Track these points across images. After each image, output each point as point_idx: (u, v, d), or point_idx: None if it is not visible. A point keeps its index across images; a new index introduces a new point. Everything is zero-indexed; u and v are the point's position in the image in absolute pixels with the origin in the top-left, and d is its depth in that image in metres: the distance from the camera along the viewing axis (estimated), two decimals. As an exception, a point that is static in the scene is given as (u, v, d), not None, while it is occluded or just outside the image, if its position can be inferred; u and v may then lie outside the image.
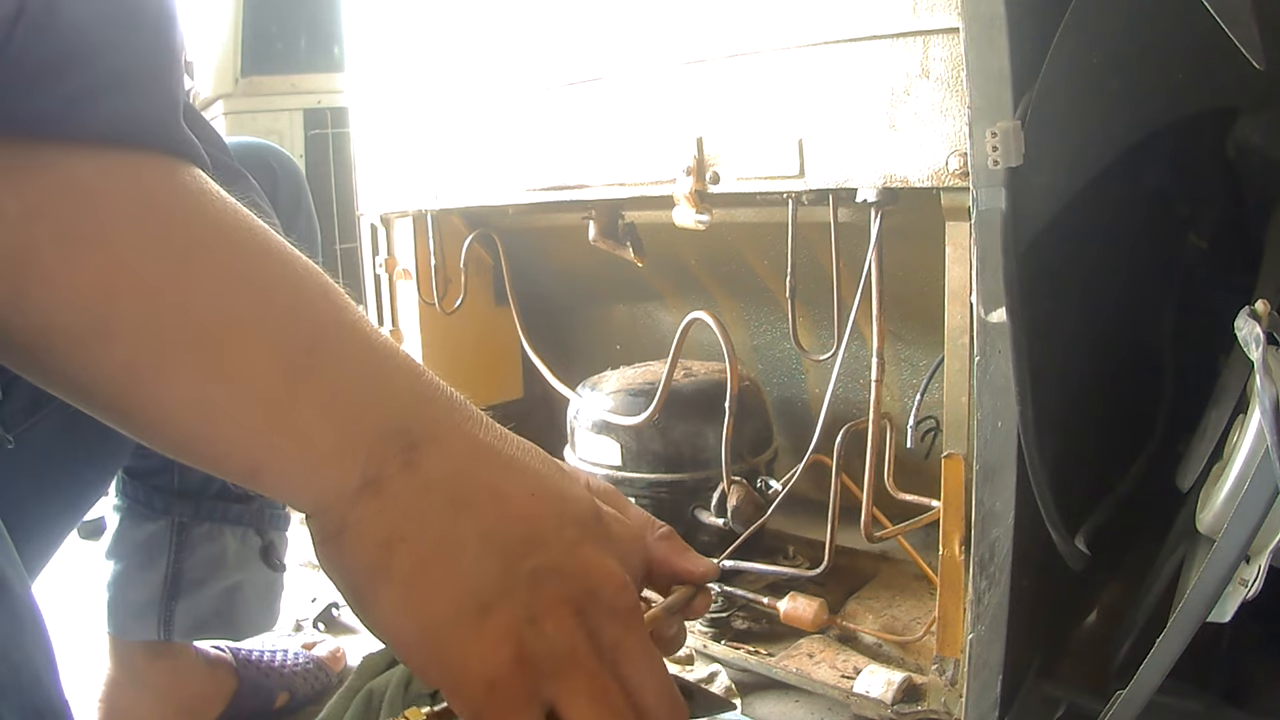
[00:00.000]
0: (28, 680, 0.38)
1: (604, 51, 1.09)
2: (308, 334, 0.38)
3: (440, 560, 0.38)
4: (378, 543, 0.37)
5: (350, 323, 0.39)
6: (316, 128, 2.48)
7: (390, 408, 0.39)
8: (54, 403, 0.68)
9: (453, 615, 0.38)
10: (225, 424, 0.36)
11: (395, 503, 0.38)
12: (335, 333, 0.38)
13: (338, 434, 0.37)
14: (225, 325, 0.36)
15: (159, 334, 0.35)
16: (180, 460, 0.39)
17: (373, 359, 0.39)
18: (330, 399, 0.37)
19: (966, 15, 0.70)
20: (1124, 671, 0.69)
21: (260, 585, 1.00)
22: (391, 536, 0.37)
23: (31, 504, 0.65)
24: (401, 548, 0.37)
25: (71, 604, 1.06)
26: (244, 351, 0.36)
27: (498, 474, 0.40)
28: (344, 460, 0.37)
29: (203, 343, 0.35)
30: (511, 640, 0.38)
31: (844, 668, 1.02)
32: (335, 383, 0.38)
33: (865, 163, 0.88)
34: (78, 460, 0.75)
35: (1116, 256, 0.95)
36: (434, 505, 0.38)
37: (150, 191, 0.35)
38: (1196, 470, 0.74)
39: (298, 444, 0.37)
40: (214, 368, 0.36)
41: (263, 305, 0.37)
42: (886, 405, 1.24)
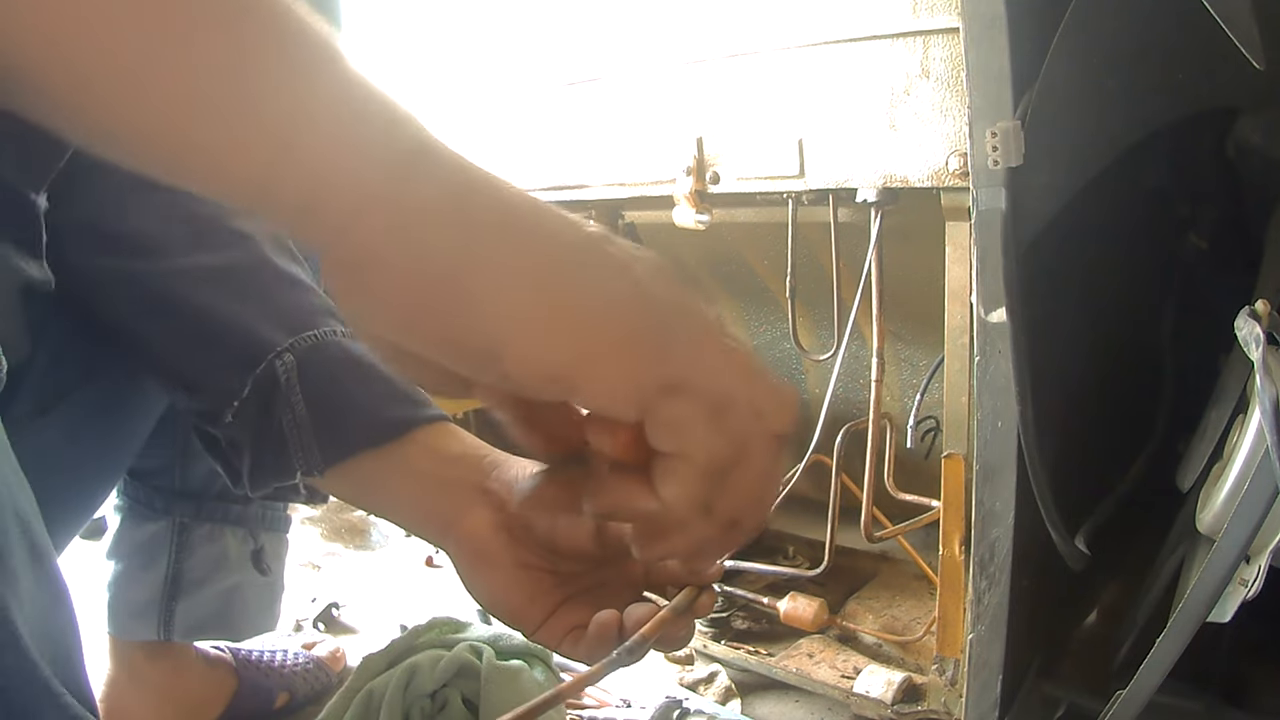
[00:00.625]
0: (60, 653, 0.38)
1: (604, 51, 1.09)
2: (324, 39, 0.34)
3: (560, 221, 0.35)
4: (468, 202, 0.33)
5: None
6: (316, 128, 2.48)
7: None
8: (60, 407, 0.68)
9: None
10: (250, 104, 0.31)
11: (458, 169, 0.35)
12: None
13: (377, 98, 0.34)
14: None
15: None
16: (175, 178, 0.33)
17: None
18: (357, 75, 0.34)
19: (966, 15, 0.70)
20: (1124, 671, 0.69)
21: (260, 586, 1.00)
22: (478, 197, 0.34)
23: (37, 507, 0.65)
24: (496, 212, 0.34)
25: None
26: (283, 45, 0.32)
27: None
28: (388, 125, 0.34)
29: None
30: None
31: (844, 668, 1.02)
32: (356, 73, 0.34)
33: (865, 163, 0.88)
34: (82, 465, 0.75)
35: (1116, 256, 0.95)
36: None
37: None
38: (1196, 470, 0.74)
39: (336, 107, 0.33)
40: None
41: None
42: (886, 405, 1.24)
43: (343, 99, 0.33)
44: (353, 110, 0.33)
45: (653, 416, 0.34)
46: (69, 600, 0.40)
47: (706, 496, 0.36)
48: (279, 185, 0.32)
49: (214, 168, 0.32)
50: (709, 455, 0.35)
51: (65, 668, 0.38)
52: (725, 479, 0.36)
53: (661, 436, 0.35)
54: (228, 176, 0.32)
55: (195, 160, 0.32)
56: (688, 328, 0.36)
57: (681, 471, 0.35)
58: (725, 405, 0.36)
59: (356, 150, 0.33)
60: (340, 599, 1.35)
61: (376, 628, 1.30)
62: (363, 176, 0.32)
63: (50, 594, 0.38)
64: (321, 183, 0.32)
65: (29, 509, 0.42)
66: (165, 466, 0.93)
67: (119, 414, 0.77)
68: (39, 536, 0.39)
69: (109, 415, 0.75)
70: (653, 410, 0.34)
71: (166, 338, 0.64)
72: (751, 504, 0.39)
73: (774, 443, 0.38)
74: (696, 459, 0.35)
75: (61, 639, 0.38)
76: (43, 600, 0.38)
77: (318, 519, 1.72)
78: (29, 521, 0.41)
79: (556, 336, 0.33)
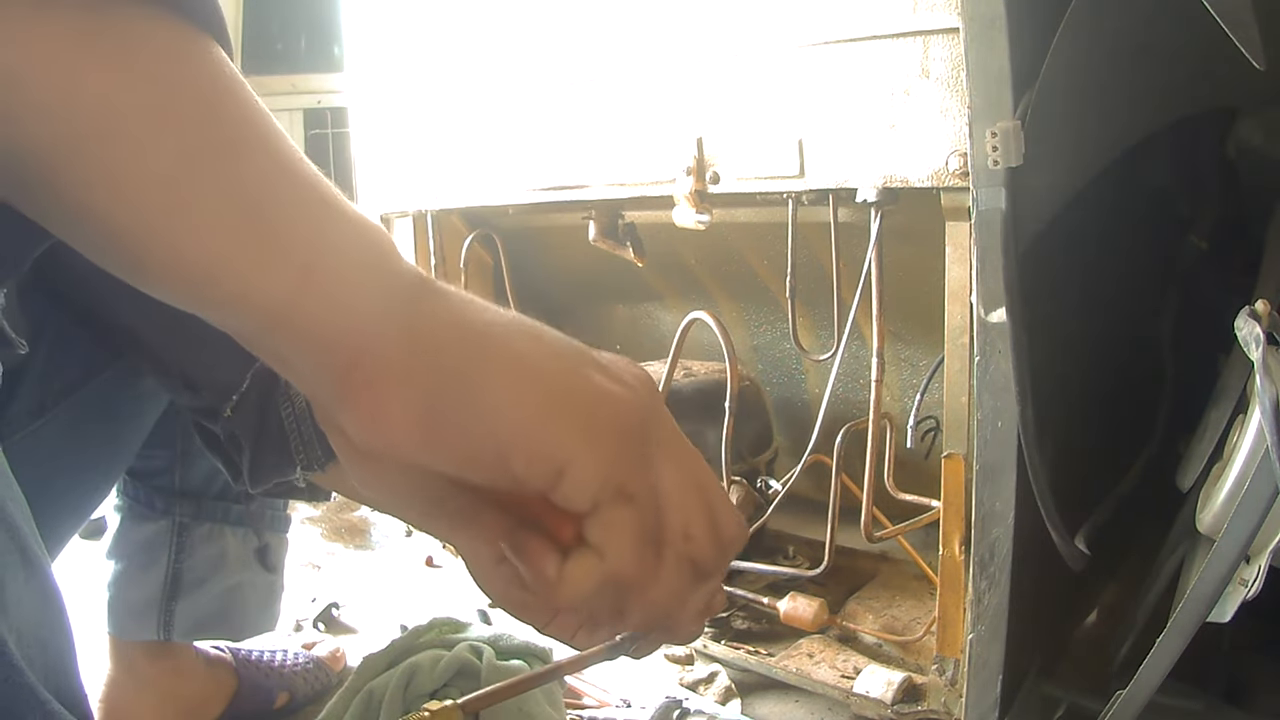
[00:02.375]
0: (53, 660, 0.38)
1: (604, 51, 1.09)
2: (327, 185, 0.36)
3: (540, 335, 0.38)
4: (473, 321, 0.36)
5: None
6: (316, 128, 2.48)
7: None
8: (59, 407, 0.68)
9: (575, 372, 0.37)
10: (271, 231, 0.34)
11: (458, 298, 0.37)
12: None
13: (382, 237, 0.36)
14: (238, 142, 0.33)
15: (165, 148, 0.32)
16: (201, 299, 0.34)
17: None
18: (356, 216, 0.36)
19: (966, 15, 0.70)
20: (1124, 671, 0.69)
21: (260, 586, 1.00)
22: (481, 317, 0.36)
23: (36, 508, 0.65)
24: (499, 327, 0.36)
25: (72, 604, 1.06)
26: (268, 169, 0.34)
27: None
28: (393, 258, 0.36)
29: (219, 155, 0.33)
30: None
31: (844, 668, 1.02)
32: (355, 212, 0.37)
33: (865, 163, 0.88)
34: (82, 464, 0.75)
35: (1116, 256, 0.95)
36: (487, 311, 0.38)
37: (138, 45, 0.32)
38: (1196, 470, 0.74)
39: (351, 239, 0.35)
40: (242, 176, 0.33)
41: (272, 141, 0.35)
42: (886, 405, 1.24)
43: (352, 229, 0.36)
44: (362, 239, 0.36)
45: (598, 513, 0.37)
46: (62, 605, 0.39)
47: (597, 596, 0.39)
48: (300, 310, 0.34)
49: (237, 295, 0.34)
50: (618, 567, 0.38)
51: (57, 674, 0.38)
52: (628, 591, 0.40)
53: (593, 530, 0.37)
54: (249, 303, 0.34)
55: (217, 288, 0.33)
56: (664, 441, 0.40)
57: (586, 565, 0.38)
58: (662, 528, 0.39)
59: (371, 277, 0.35)
60: (340, 599, 1.35)
61: (376, 628, 1.30)
62: (379, 301, 0.35)
63: (42, 600, 0.38)
64: (342, 306, 0.34)
65: (19, 515, 0.42)
66: (165, 466, 0.93)
67: (119, 413, 0.77)
68: (29, 542, 0.38)
69: (109, 414, 0.75)
70: (600, 507, 0.37)
71: (164, 333, 0.64)
72: (656, 619, 0.42)
73: (689, 568, 0.41)
74: (605, 564, 0.38)
75: (54, 644, 0.38)
76: (34, 606, 0.37)
77: (318, 519, 1.72)
78: (18, 527, 0.41)
79: (562, 436, 0.36)
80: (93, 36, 0.31)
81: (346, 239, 0.35)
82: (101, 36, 0.31)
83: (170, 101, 0.32)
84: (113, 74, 0.31)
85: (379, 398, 0.35)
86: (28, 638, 0.37)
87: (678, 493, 0.40)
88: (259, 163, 0.34)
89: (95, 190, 0.31)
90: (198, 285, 0.34)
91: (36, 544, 0.38)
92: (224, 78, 0.34)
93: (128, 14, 0.32)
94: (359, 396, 0.35)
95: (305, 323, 0.34)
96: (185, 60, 0.33)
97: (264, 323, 0.34)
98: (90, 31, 0.31)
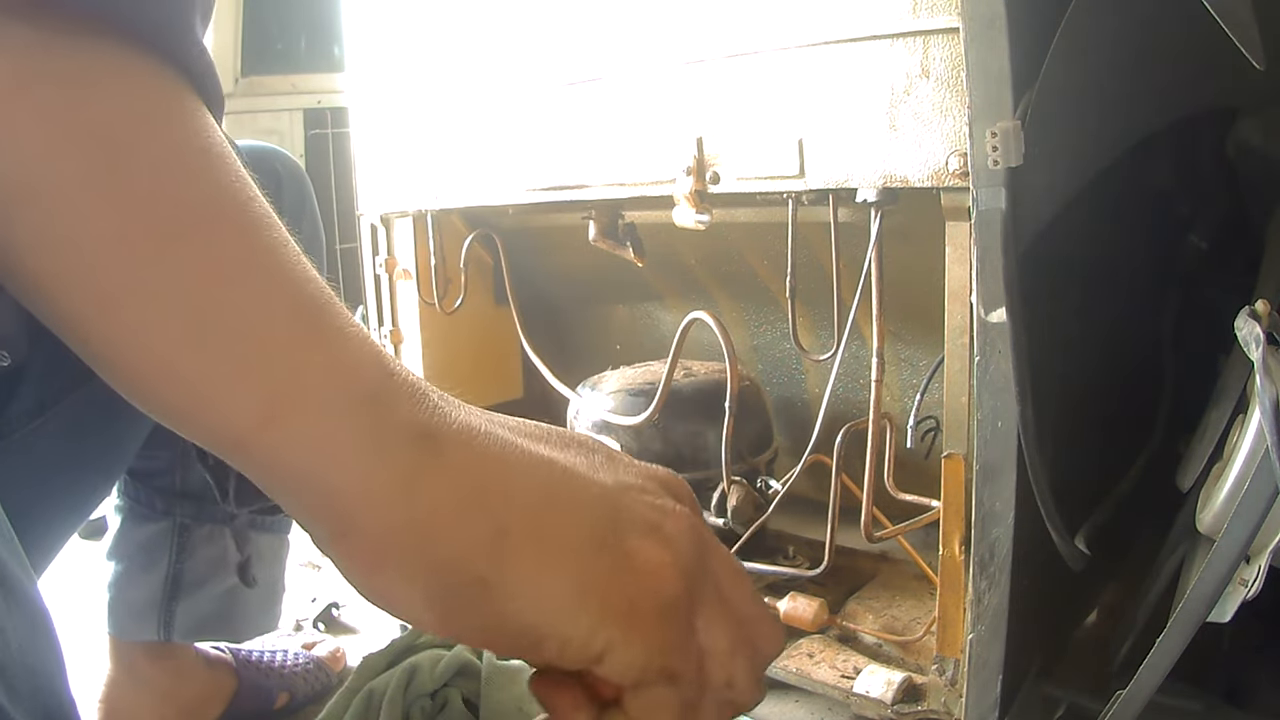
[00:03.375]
0: (42, 683, 0.37)
1: (604, 51, 1.09)
2: (314, 292, 0.31)
3: (559, 499, 0.33)
4: (488, 488, 0.31)
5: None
6: (316, 128, 2.48)
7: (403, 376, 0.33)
8: (59, 405, 0.68)
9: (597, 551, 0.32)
10: (227, 352, 0.28)
11: (477, 447, 0.31)
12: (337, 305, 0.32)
13: (373, 361, 0.31)
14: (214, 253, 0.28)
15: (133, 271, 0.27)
16: (157, 415, 0.31)
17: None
18: (350, 337, 0.31)
19: (966, 15, 0.70)
20: (1124, 671, 0.69)
21: (261, 587, 1.00)
22: (497, 478, 0.31)
23: (35, 507, 0.64)
24: (519, 491, 0.31)
25: (72, 604, 1.06)
26: (249, 294, 0.29)
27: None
28: (389, 395, 0.30)
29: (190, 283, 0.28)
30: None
31: (844, 668, 1.02)
32: (349, 330, 0.31)
33: (865, 163, 0.88)
34: (82, 464, 0.75)
35: (1117, 256, 0.95)
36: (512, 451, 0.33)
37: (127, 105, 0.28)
38: (1196, 470, 0.74)
39: (329, 374, 0.29)
40: (208, 307, 0.28)
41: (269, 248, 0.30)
42: (886, 405, 1.24)
43: (338, 358, 0.30)
44: (348, 372, 0.30)
45: (639, 691, 0.34)
46: (49, 625, 0.37)
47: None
48: (260, 447, 0.29)
49: (185, 414, 0.29)
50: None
51: (47, 697, 0.36)
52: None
53: (634, 706, 0.35)
54: (199, 426, 0.29)
55: (163, 403, 0.29)
56: (708, 599, 0.35)
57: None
58: (705, 682, 0.36)
59: (356, 425, 0.30)
60: (340, 599, 1.35)
61: (376, 628, 1.30)
62: (366, 460, 0.30)
63: (28, 624, 0.35)
64: (315, 455, 0.29)
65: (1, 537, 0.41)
66: (166, 467, 0.93)
67: (119, 413, 0.76)
68: (11, 566, 0.35)
69: (109, 414, 0.75)
70: (644, 686, 0.34)
71: None
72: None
73: (729, 710, 0.38)
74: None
75: (42, 668, 0.35)
76: (18, 632, 0.35)
77: (318, 519, 1.72)
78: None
79: (598, 627, 0.32)
80: (35, 77, 0.26)
81: (326, 368, 0.30)
82: (45, 79, 0.26)
83: (115, 169, 0.27)
84: (50, 127, 0.26)
85: (377, 570, 0.31)
86: (13, 666, 0.35)
87: (724, 652, 0.36)
88: (217, 253, 0.28)
89: (29, 259, 0.27)
90: (137, 395, 0.29)
91: (19, 565, 0.35)
92: (191, 142, 0.29)
93: (83, 52, 0.27)
94: (353, 559, 0.31)
95: (268, 462, 0.29)
96: (144, 115, 0.28)
97: (219, 450, 0.30)
98: (33, 71, 0.26)
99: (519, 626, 0.31)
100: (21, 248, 0.27)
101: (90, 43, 0.27)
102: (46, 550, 0.74)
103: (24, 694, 0.34)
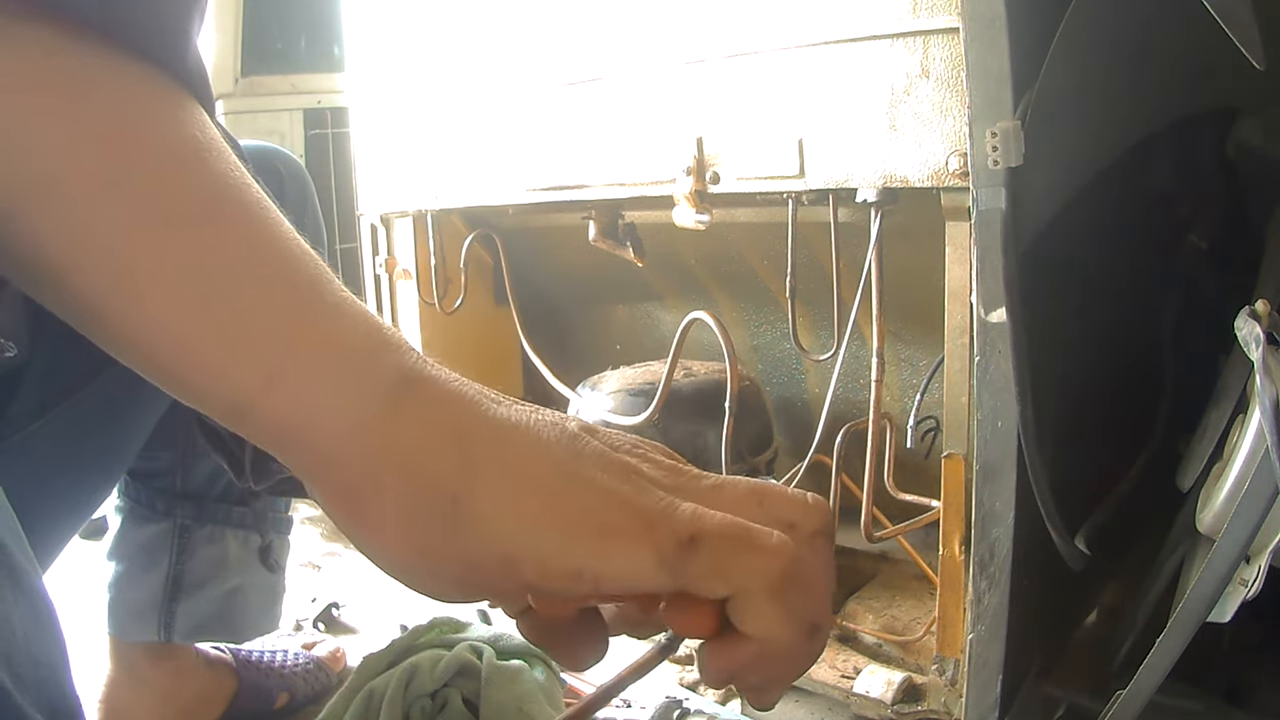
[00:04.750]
0: (46, 675, 0.38)
1: (604, 51, 1.09)
2: (310, 266, 0.34)
3: (532, 426, 0.35)
4: (462, 425, 0.33)
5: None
6: (316, 128, 2.48)
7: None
8: (60, 406, 0.68)
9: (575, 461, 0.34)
10: (233, 323, 0.31)
11: (446, 391, 0.34)
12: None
13: (365, 328, 0.34)
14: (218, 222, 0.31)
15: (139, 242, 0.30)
16: (172, 387, 0.33)
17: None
18: (344, 303, 0.34)
19: (966, 15, 0.70)
20: (1124, 671, 0.69)
21: (261, 588, 1.00)
22: (472, 415, 0.34)
23: (36, 508, 0.65)
24: (490, 429, 0.34)
25: (72, 604, 1.06)
26: (248, 254, 0.32)
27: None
28: (375, 351, 0.33)
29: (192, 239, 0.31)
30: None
31: (844, 668, 1.02)
32: (342, 297, 0.34)
33: (865, 163, 0.88)
34: (83, 464, 0.75)
35: (1117, 256, 0.95)
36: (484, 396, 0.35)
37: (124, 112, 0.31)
38: (1196, 470, 0.74)
39: (325, 337, 0.33)
40: (212, 269, 0.31)
41: (264, 220, 0.33)
42: (886, 405, 1.24)
43: (333, 324, 0.33)
44: (342, 331, 0.33)
45: (688, 575, 0.34)
46: (54, 619, 0.39)
47: (786, 614, 0.35)
48: (266, 409, 0.32)
49: (195, 386, 0.32)
50: (764, 580, 0.34)
51: (51, 690, 0.37)
52: (788, 594, 0.35)
53: (710, 587, 0.34)
54: (208, 395, 0.32)
55: (172, 376, 0.32)
56: (689, 490, 0.36)
57: (752, 606, 0.34)
58: (748, 533, 0.35)
59: (346, 377, 0.33)
60: (340, 599, 1.35)
61: (376, 628, 1.30)
62: (354, 403, 0.33)
63: (33, 616, 0.37)
64: (310, 408, 0.32)
65: (5, 528, 0.41)
66: (167, 468, 0.93)
67: (121, 412, 0.77)
68: (17, 558, 0.38)
69: (110, 415, 0.75)
70: (684, 570, 0.34)
71: None
72: (820, 605, 0.38)
73: (818, 541, 0.37)
74: (754, 589, 0.34)
75: (47, 661, 0.37)
76: (24, 623, 0.37)
77: (318, 519, 1.72)
78: (4, 543, 0.40)
79: (569, 532, 0.33)
80: (52, 79, 0.29)
81: (322, 332, 0.33)
82: (60, 80, 0.29)
83: (121, 163, 0.30)
84: (67, 123, 0.29)
85: (364, 510, 0.33)
86: (19, 657, 0.36)
87: (739, 509, 0.35)
88: (222, 237, 0.32)
89: (49, 246, 0.30)
90: (153, 369, 0.32)
91: (25, 557, 0.37)
92: (191, 139, 0.32)
93: (86, 63, 0.30)
94: (339, 502, 0.33)
95: (272, 421, 0.32)
96: (145, 116, 0.31)
97: (227, 416, 0.33)
98: (49, 73, 0.29)
99: (493, 549, 0.33)
100: (41, 236, 0.30)
101: (96, 48, 0.30)
102: (48, 551, 0.74)
103: (29, 683, 0.35)
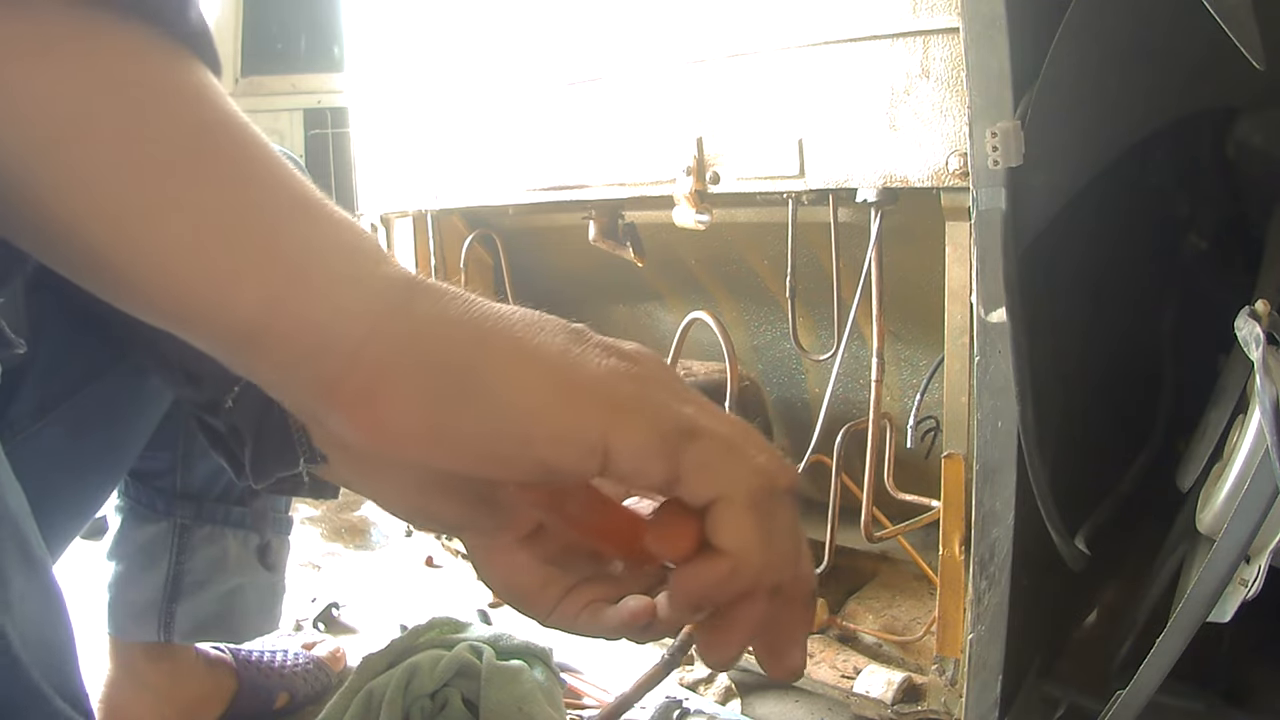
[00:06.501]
0: (56, 658, 0.38)
1: (604, 51, 1.09)
2: (306, 192, 0.35)
3: (534, 322, 0.36)
4: (471, 315, 0.35)
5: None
6: (316, 128, 2.48)
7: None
8: (60, 408, 0.68)
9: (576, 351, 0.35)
10: (238, 245, 0.33)
11: (451, 294, 0.35)
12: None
13: (366, 238, 0.36)
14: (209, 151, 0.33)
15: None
16: (183, 324, 0.34)
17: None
18: (343, 222, 0.35)
19: (966, 15, 0.70)
20: (1124, 671, 0.69)
21: (261, 588, 1.00)
22: (479, 310, 0.35)
23: (38, 509, 0.65)
24: (497, 319, 0.35)
25: (72, 604, 1.06)
26: (241, 185, 0.33)
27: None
28: (380, 261, 0.35)
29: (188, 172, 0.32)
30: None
31: (844, 668, 1.02)
32: (340, 217, 0.36)
33: (865, 163, 0.88)
34: (84, 465, 0.75)
35: (1117, 256, 0.95)
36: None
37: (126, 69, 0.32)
38: (1196, 470, 0.74)
39: (333, 245, 0.34)
40: (206, 194, 0.32)
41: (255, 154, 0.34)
42: (886, 405, 1.24)
43: (336, 234, 0.35)
44: (347, 244, 0.35)
45: (684, 464, 0.35)
46: (63, 604, 0.39)
47: (761, 533, 0.35)
48: (280, 319, 0.33)
49: (212, 306, 0.33)
50: (748, 490, 0.35)
51: (60, 672, 0.38)
52: (766, 512, 0.36)
53: (700, 481, 0.35)
54: (227, 316, 0.33)
55: (189, 302, 0.33)
56: (685, 391, 0.38)
57: (732, 514, 0.35)
58: (743, 444, 0.36)
59: (360, 280, 0.34)
60: (340, 599, 1.35)
61: (376, 628, 1.30)
62: (371, 304, 0.34)
63: (44, 598, 0.38)
64: (330, 312, 0.33)
65: (21, 513, 0.42)
66: (167, 468, 0.93)
67: (121, 413, 0.77)
68: (32, 540, 0.39)
69: (111, 416, 0.75)
70: (681, 458, 0.35)
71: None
72: (794, 554, 0.38)
73: (786, 495, 0.37)
74: (738, 497, 0.35)
75: (56, 643, 0.38)
76: (36, 605, 0.37)
77: (318, 519, 1.72)
78: (20, 525, 0.41)
79: (582, 406, 0.34)
80: (56, 38, 0.30)
81: (330, 244, 0.34)
82: (64, 38, 0.31)
83: (133, 106, 0.32)
84: (74, 78, 0.31)
85: (381, 403, 0.34)
86: (30, 635, 0.37)
87: (728, 426, 0.37)
88: (231, 170, 0.33)
89: (61, 197, 0.31)
90: (169, 299, 0.33)
91: (38, 543, 0.38)
92: (193, 85, 0.33)
93: (95, 23, 0.31)
94: (355, 405, 0.34)
95: (286, 331, 0.33)
96: (151, 66, 0.33)
97: (241, 335, 0.33)
98: (53, 35, 0.30)
99: (507, 428, 0.34)
100: (50, 189, 0.31)
101: (97, 9, 0.31)
102: (52, 551, 0.74)
103: (40, 663, 0.35)
